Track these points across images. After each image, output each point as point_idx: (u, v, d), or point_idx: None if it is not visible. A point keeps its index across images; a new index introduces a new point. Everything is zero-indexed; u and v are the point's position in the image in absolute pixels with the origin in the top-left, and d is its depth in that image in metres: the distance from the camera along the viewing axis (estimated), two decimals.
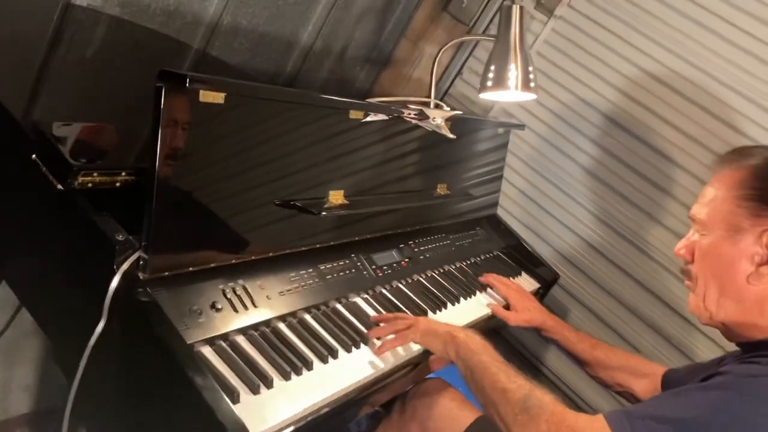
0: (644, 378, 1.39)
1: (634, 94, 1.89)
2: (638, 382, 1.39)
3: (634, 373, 1.40)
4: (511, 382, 1.03)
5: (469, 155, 1.77)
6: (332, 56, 1.96)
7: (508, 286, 1.61)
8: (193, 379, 0.84)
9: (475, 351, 1.13)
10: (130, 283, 0.91)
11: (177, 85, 0.88)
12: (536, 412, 0.96)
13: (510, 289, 1.60)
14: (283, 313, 1.12)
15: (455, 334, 1.18)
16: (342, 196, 1.30)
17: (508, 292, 1.58)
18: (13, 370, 1.61)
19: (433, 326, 1.23)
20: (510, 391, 1.01)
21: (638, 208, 1.87)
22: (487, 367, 1.08)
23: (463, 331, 1.20)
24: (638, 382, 1.39)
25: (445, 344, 1.18)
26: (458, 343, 1.16)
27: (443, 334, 1.19)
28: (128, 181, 1.03)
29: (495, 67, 1.44)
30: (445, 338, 1.19)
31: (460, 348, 1.15)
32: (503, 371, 1.06)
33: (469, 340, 1.15)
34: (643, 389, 1.38)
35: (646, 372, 1.39)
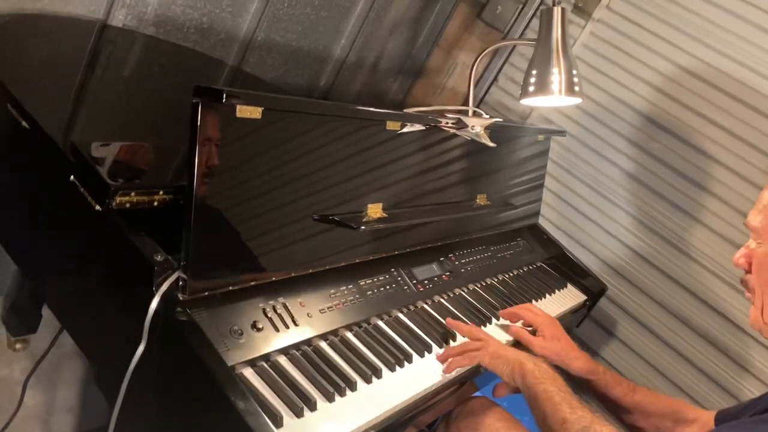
0: (690, 425, 1.27)
1: (677, 95, 1.83)
2: (684, 430, 1.28)
3: (680, 420, 1.28)
4: (573, 413, 0.99)
5: (508, 164, 1.73)
6: (365, 68, 1.95)
7: (535, 314, 1.42)
8: (235, 402, 0.81)
9: (540, 379, 1.10)
10: (169, 304, 0.89)
11: (213, 100, 0.86)
12: None
13: (536, 315, 1.41)
14: (324, 331, 1.08)
15: (524, 362, 1.15)
16: (380, 209, 1.27)
17: (534, 319, 1.39)
18: (56, 392, 1.62)
19: (503, 351, 1.19)
20: (570, 422, 0.98)
21: (685, 212, 1.80)
22: (551, 397, 1.05)
23: (533, 359, 1.16)
24: (685, 430, 1.28)
25: (512, 370, 1.15)
26: (525, 370, 1.13)
27: (512, 360, 1.16)
28: (166, 200, 1.02)
29: (537, 72, 1.39)
30: (513, 364, 1.15)
31: (527, 376, 1.12)
32: (566, 402, 1.03)
33: (536, 369, 1.12)
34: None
35: (691, 418, 1.28)
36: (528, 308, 1.44)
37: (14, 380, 1.50)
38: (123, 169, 1.06)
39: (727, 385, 1.72)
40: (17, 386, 1.48)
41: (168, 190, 1.02)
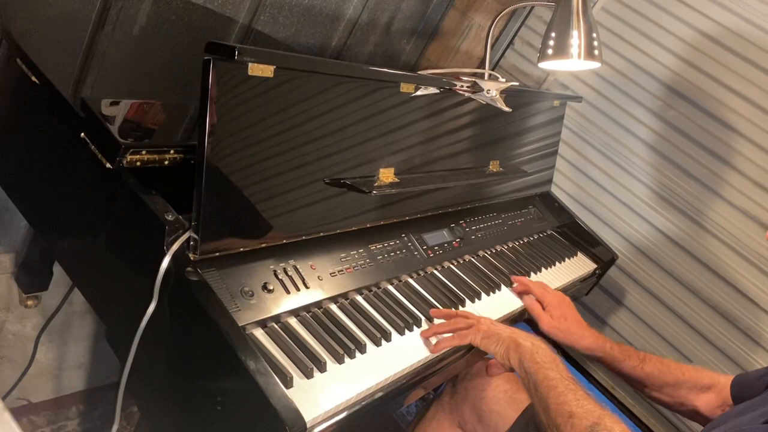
0: (707, 392, 1.24)
1: (698, 62, 1.78)
2: (700, 397, 1.25)
3: (695, 387, 1.25)
4: (580, 406, 0.93)
5: (522, 130, 1.70)
6: (378, 29, 1.90)
7: (545, 290, 1.41)
8: (246, 362, 0.81)
9: (541, 364, 1.03)
10: (180, 263, 0.89)
11: (225, 57, 0.84)
12: None
13: (546, 292, 1.40)
14: (334, 294, 1.08)
15: (520, 342, 1.08)
16: (392, 174, 1.26)
17: (544, 296, 1.38)
18: (67, 348, 1.64)
19: (496, 329, 1.13)
20: (577, 416, 0.92)
21: (703, 184, 1.77)
22: (554, 386, 0.98)
23: (529, 338, 1.10)
24: (700, 396, 1.25)
25: (507, 350, 1.09)
26: (522, 351, 1.06)
27: (506, 339, 1.10)
28: (177, 159, 1.01)
29: (556, 35, 1.36)
30: (508, 344, 1.09)
31: (525, 358, 1.05)
32: (571, 391, 0.97)
33: (534, 350, 1.06)
34: (706, 404, 1.24)
35: (706, 384, 1.25)
36: (539, 284, 1.44)
37: (26, 336, 1.52)
38: (133, 127, 1.05)
39: (738, 357, 1.72)
40: (29, 342, 1.50)
41: (179, 149, 1.01)
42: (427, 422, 1.47)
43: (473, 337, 1.13)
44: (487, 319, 1.18)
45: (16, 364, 1.52)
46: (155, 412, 1.02)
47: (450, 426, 1.43)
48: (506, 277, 1.46)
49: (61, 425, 1.64)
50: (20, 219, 1.37)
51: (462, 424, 1.40)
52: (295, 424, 0.79)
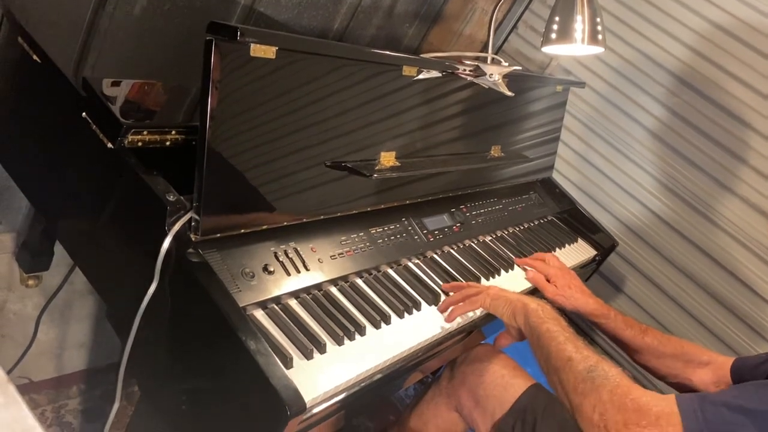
0: (703, 367, 1.26)
1: (702, 49, 1.77)
2: (696, 372, 1.26)
3: (692, 361, 1.27)
4: (578, 352, 0.97)
5: (524, 115, 1.69)
6: (381, 12, 1.89)
7: (547, 264, 1.47)
8: (247, 343, 0.82)
9: (544, 319, 1.08)
10: (181, 244, 0.89)
11: (227, 38, 0.84)
12: (600, 383, 0.90)
13: (549, 266, 1.46)
14: (334, 276, 1.09)
15: (526, 302, 1.13)
16: (393, 157, 1.26)
17: (547, 270, 1.45)
18: (68, 328, 1.65)
19: (504, 293, 1.19)
20: (575, 360, 0.96)
21: (705, 172, 1.77)
22: (555, 336, 1.03)
23: (536, 300, 1.14)
24: (696, 371, 1.27)
25: (514, 310, 1.14)
26: (528, 310, 1.11)
27: (514, 301, 1.15)
28: (178, 139, 1.01)
29: (560, 19, 1.35)
30: (515, 305, 1.14)
31: (530, 315, 1.10)
32: (571, 342, 1.01)
33: (540, 309, 1.10)
34: (702, 379, 1.25)
35: (704, 360, 1.26)
36: (542, 258, 1.48)
37: (27, 316, 1.53)
38: (135, 108, 1.05)
39: (736, 346, 1.72)
40: (30, 322, 1.51)
41: (180, 130, 1.01)
42: (424, 405, 1.48)
43: (483, 300, 1.18)
44: (495, 286, 1.23)
45: (18, 343, 1.53)
46: (156, 392, 1.03)
47: (447, 409, 1.44)
48: (506, 262, 1.46)
49: (62, 404, 1.65)
50: (21, 198, 1.37)
51: (459, 407, 1.42)
52: (294, 404, 0.80)
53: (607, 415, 0.84)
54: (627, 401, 0.85)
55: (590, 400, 0.88)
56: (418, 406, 1.49)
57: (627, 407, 0.84)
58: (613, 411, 0.84)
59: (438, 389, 1.47)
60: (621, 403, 0.85)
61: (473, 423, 1.37)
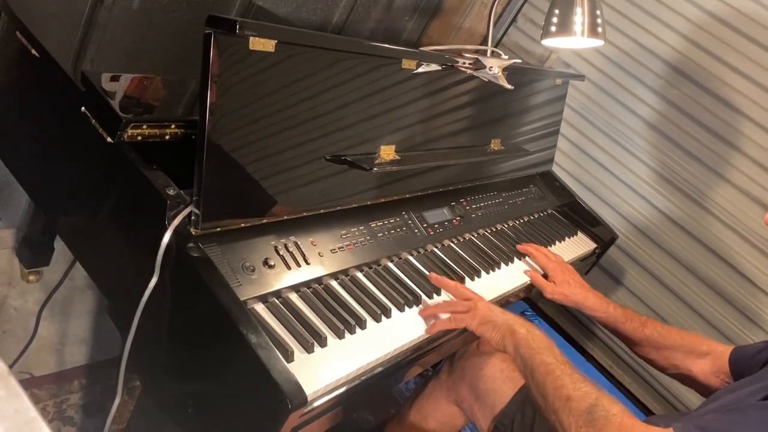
0: (703, 357, 1.27)
1: (702, 42, 1.76)
2: (696, 363, 1.27)
3: (692, 352, 1.28)
4: (577, 389, 0.93)
5: (524, 108, 1.69)
6: (380, 5, 1.88)
7: (547, 257, 1.47)
8: (248, 336, 0.82)
9: (536, 350, 1.03)
10: (181, 238, 0.89)
11: (227, 31, 0.84)
12: (602, 425, 0.87)
13: (549, 260, 1.45)
14: (335, 270, 1.09)
15: (515, 329, 1.08)
16: (393, 151, 1.25)
17: (546, 263, 1.44)
18: (69, 323, 1.65)
19: (492, 315, 1.13)
20: (574, 399, 0.92)
21: (704, 164, 1.76)
22: (551, 371, 0.98)
23: (525, 325, 1.10)
24: (696, 362, 1.27)
25: (503, 337, 1.09)
26: (517, 338, 1.07)
27: (501, 326, 1.10)
28: (178, 133, 1.00)
29: (559, 12, 1.34)
30: (503, 331, 1.09)
31: (520, 345, 1.06)
32: (568, 375, 0.97)
33: (530, 337, 1.06)
34: (701, 370, 1.27)
35: (704, 351, 1.27)
36: (540, 250, 1.49)
37: (28, 311, 1.53)
38: (134, 102, 1.05)
39: (735, 337, 1.73)
40: (31, 317, 1.51)
41: (180, 124, 1.00)
42: (424, 399, 1.49)
43: (469, 322, 1.12)
44: (484, 304, 1.17)
45: (19, 338, 1.53)
46: (157, 386, 1.03)
47: (447, 403, 1.45)
48: (506, 256, 1.46)
49: (64, 399, 1.66)
50: (21, 194, 1.37)
51: (459, 401, 1.42)
52: (296, 397, 0.80)
53: None
54: None
55: None
56: (418, 400, 1.50)
57: None
58: None
59: (438, 383, 1.48)
60: None
61: (473, 416, 1.38)
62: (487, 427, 1.32)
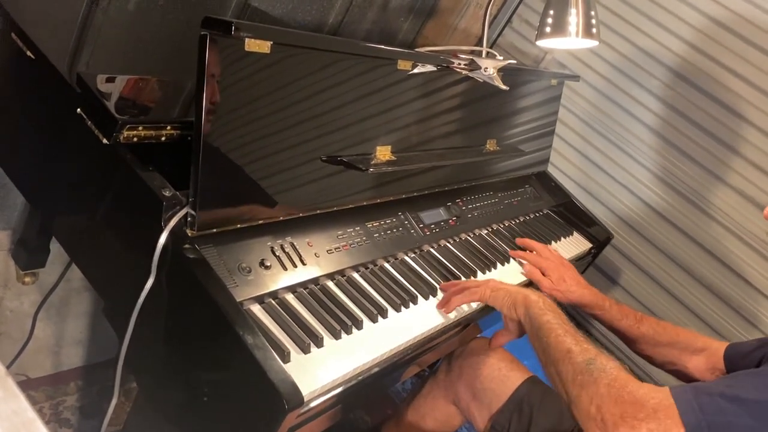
0: (698, 354, 1.27)
1: (697, 42, 1.77)
2: (692, 359, 1.28)
3: (687, 349, 1.29)
4: (578, 345, 0.97)
5: (519, 109, 1.70)
6: (375, 6, 1.88)
7: (540, 255, 1.47)
8: (244, 337, 0.82)
9: (545, 310, 1.08)
10: (178, 239, 0.89)
11: (222, 32, 0.84)
12: (598, 375, 0.90)
13: (543, 258, 1.46)
14: (331, 271, 1.09)
15: (527, 293, 1.13)
16: (389, 152, 1.26)
17: (540, 262, 1.44)
18: (66, 324, 1.65)
19: (504, 285, 1.19)
20: (574, 352, 0.96)
21: (700, 165, 1.78)
22: (555, 328, 1.03)
23: (537, 293, 1.14)
24: (691, 358, 1.28)
25: (514, 302, 1.14)
26: (529, 302, 1.11)
27: (514, 293, 1.15)
28: (174, 135, 1.01)
29: (554, 12, 1.35)
30: (515, 296, 1.14)
31: (531, 306, 1.10)
32: (571, 334, 1.01)
33: (541, 301, 1.11)
34: (697, 366, 1.27)
35: (699, 347, 1.28)
36: (536, 249, 1.49)
37: (24, 313, 1.53)
38: (130, 103, 1.05)
39: (732, 337, 1.73)
40: (27, 319, 1.51)
41: (176, 125, 1.00)
42: (422, 399, 1.49)
43: (482, 292, 1.17)
44: (494, 279, 1.23)
45: (15, 340, 1.53)
46: (153, 388, 1.03)
47: (445, 403, 1.45)
48: (502, 255, 1.47)
49: (60, 401, 1.65)
50: (17, 196, 1.37)
51: (456, 401, 1.42)
52: (292, 397, 0.80)
53: (604, 407, 0.84)
54: (624, 394, 0.85)
55: (588, 392, 0.88)
56: (415, 400, 1.50)
57: (624, 400, 0.84)
58: (610, 403, 0.84)
59: (435, 383, 1.48)
60: (618, 395, 0.85)
61: (470, 416, 1.38)
62: (485, 426, 1.33)
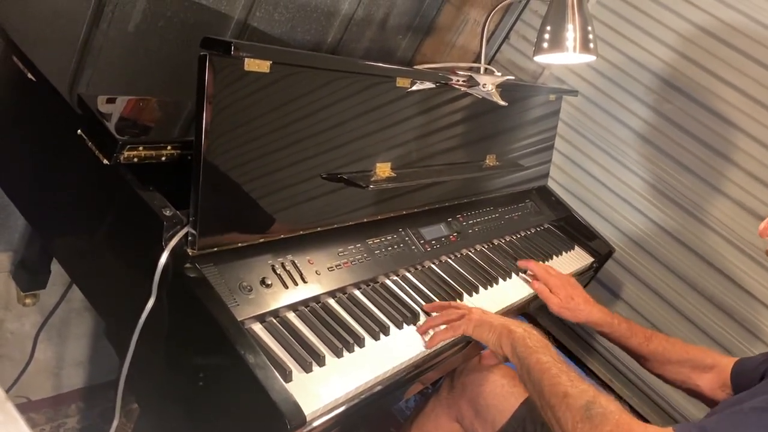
0: (709, 371, 1.26)
1: (693, 55, 1.78)
2: (702, 377, 1.27)
3: (697, 366, 1.27)
4: (574, 387, 0.93)
5: (518, 124, 1.70)
6: (373, 25, 1.90)
7: (548, 272, 1.43)
8: (245, 357, 0.82)
9: (533, 349, 1.03)
10: (178, 259, 0.89)
11: (221, 52, 0.85)
12: (599, 421, 0.86)
13: (550, 275, 1.42)
14: (332, 288, 1.09)
15: (512, 328, 1.08)
16: (389, 168, 1.26)
17: (548, 279, 1.41)
18: (66, 346, 1.64)
19: (487, 318, 1.14)
20: (572, 396, 0.91)
21: (699, 177, 1.77)
22: (547, 368, 0.98)
23: (521, 325, 1.10)
24: (702, 376, 1.27)
25: (499, 338, 1.09)
26: (515, 338, 1.07)
27: (498, 327, 1.10)
28: (174, 154, 1.01)
29: (551, 28, 1.36)
30: (500, 331, 1.10)
31: (517, 344, 1.06)
32: (564, 373, 0.97)
33: (527, 336, 1.06)
34: (708, 384, 1.26)
35: (709, 364, 1.26)
36: (541, 266, 1.47)
37: (25, 334, 1.52)
38: (130, 124, 1.05)
39: (735, 350, 1.72)
40: (28, 340, 1.51)
41: (176, 145, 1.01)
42: (425, 417, 1.48)
43: (465, 326, 1.13)
44: (478, 309, 1.18)
45: (16, 362, 1.52)
46: (155, 408, 1.02)
47: (448, 420, 1.44)
48: (504, 271, 1.46)
49: (61, 423, 1.64)
50: (18, 217, 1.37)
51: (460, 418, 1.41)
52: (294, 417, 0.79)
53: None
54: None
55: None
56: (418, 418, 1.49)
57: None
58: None
59: (438, 400, 1.47)
60: None
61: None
62: None
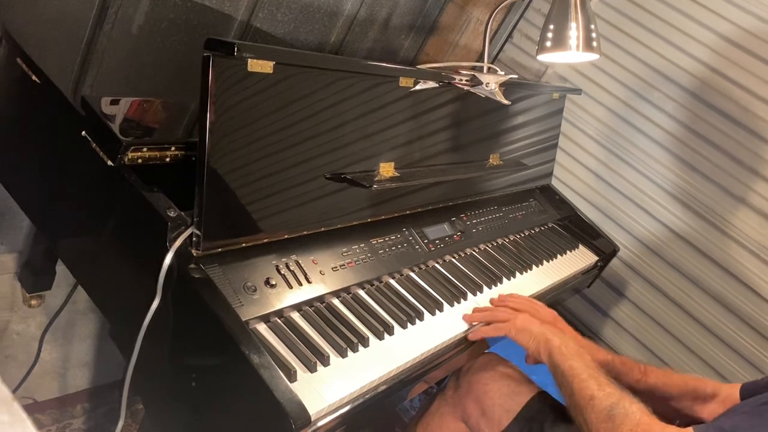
0: (710, 401, 1.23)
1: (697, 53, 1.78)
2: (705, 408, 1.23)
3: (698, 397, 1.24)
4: (600, 390, 0.99)
5: (522, 123, 1.70)
6: (376, 25, 1.90)
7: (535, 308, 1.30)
8: (250, 357, 0.82)
9: (567, 356, 1.10)
10: (183, 259, 0.89)
11: (225, 53, 0.85)
12: (621, 421, 0.92)
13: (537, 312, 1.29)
14: (336, 288, 1.09)
15: (550, 338, 1.15)
16: (392, 168, 1.26)
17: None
18: (72, 347, 1.64)
19: (529, 326, 1.20)
20: (597, 398, 0.98)
21: (704, 175, 1.79)
22: (578, 373, 1.05)
23: (559, 335, 1.17)
24: (705, 407, 1.23)
25: (538, 345, 1.16)
26: (552, 347, 1.13)
27: (538, 335, 1.17)
28: (178, 155, 1.01)
29: (554, 27, 1.36)
30: (539, 339, 1.16)
31: (554, 352, 1.12)
32: (594, 378, 1.02)
33: (563, 345, 1.13)
34: (711, 414, 1.21)
35: (710, 393, 1.23)
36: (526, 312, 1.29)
37: (30, 335, 1.53)
38: (134, 125, 1.05)
39: (746, 352, 1.71)
40: (33, 341, 1.51)
41: (180, 146, 1.01)
42: (430, 416, 1.47)
43: (508, 330, 1.20)
44: (524, 315, 1.23)
45: (21, 363, 1.53)
46: (160, 409, 1.02)
47: (453, 419, 1.43)
48: (508, 270, 1.46)
49: (67, 423, 1.64)
50: (22, 219, 1.38)
51: (465, 417, 1.41)
52: (299, 417, 0.79)
53: None
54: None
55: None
56: (423, 417, 1.48)
57: None
58: None
59: (443, 399, 1.47)
60: None
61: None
62: None
